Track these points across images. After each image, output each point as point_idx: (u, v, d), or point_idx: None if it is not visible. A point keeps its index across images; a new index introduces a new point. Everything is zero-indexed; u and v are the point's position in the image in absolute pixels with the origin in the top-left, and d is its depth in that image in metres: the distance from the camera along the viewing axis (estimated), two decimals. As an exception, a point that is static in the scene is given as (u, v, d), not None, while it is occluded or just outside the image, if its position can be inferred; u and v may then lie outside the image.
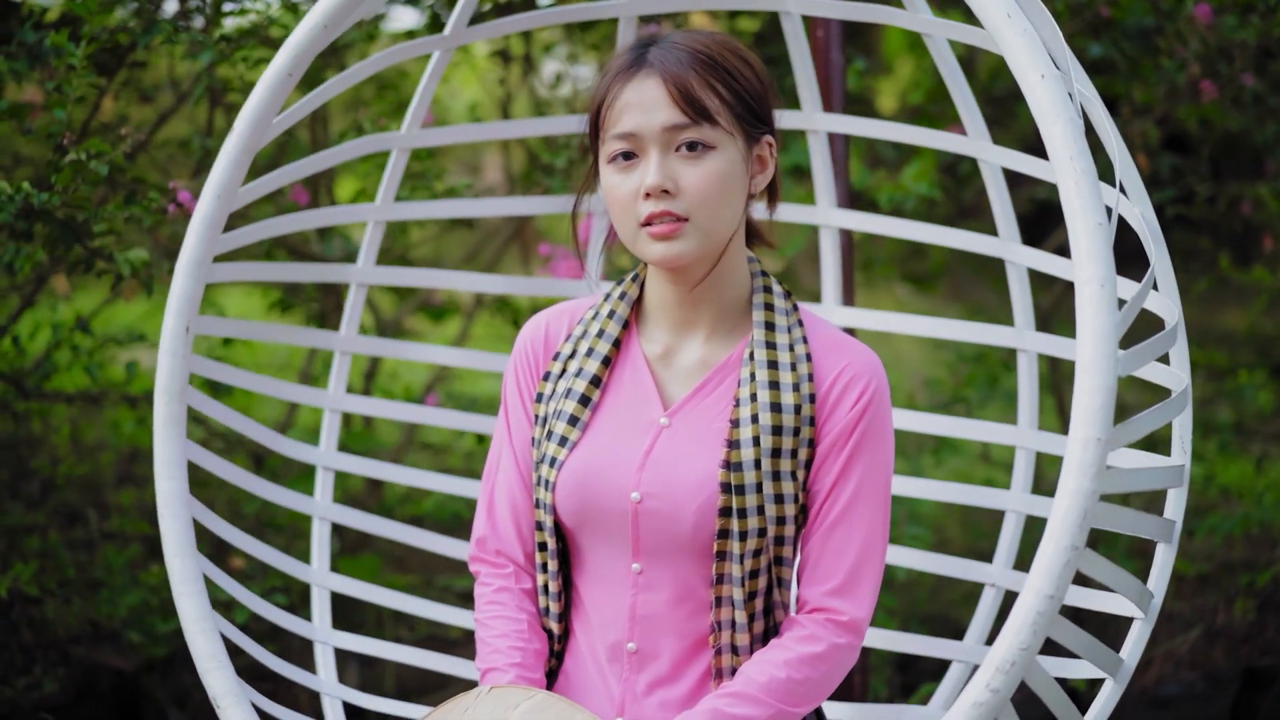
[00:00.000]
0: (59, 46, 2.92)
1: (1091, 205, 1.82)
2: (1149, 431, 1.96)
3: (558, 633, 2.21)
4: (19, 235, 3.04)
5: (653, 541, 2.11)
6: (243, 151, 2.45)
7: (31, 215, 2.88)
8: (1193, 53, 3.77)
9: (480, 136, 3.08)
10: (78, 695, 3.52)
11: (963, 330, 2.78)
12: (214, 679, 2.29)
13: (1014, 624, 1.76)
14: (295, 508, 2.79)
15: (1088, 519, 1.75)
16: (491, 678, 2.14)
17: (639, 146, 2.06)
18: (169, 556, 2.38)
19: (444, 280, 3.09)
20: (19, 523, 3.75)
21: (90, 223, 2.93)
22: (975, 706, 1.78)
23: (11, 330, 3.83)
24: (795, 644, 2.07)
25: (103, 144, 2.87)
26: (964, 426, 2.81)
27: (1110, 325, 1.77)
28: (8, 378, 3.63)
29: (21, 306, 3.86)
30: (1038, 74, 1.87)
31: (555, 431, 2.17)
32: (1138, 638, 2.17)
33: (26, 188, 2.83)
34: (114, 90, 3.90)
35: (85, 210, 2.91)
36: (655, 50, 2.08)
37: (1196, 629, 3.88)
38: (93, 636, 3.65)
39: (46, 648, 3.54)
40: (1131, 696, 3.69)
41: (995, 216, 2.74)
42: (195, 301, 2.46)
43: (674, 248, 2.06)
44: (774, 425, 2.07)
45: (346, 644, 2.74)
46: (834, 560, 2.09)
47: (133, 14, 3.43)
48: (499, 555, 2.25)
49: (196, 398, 2.56)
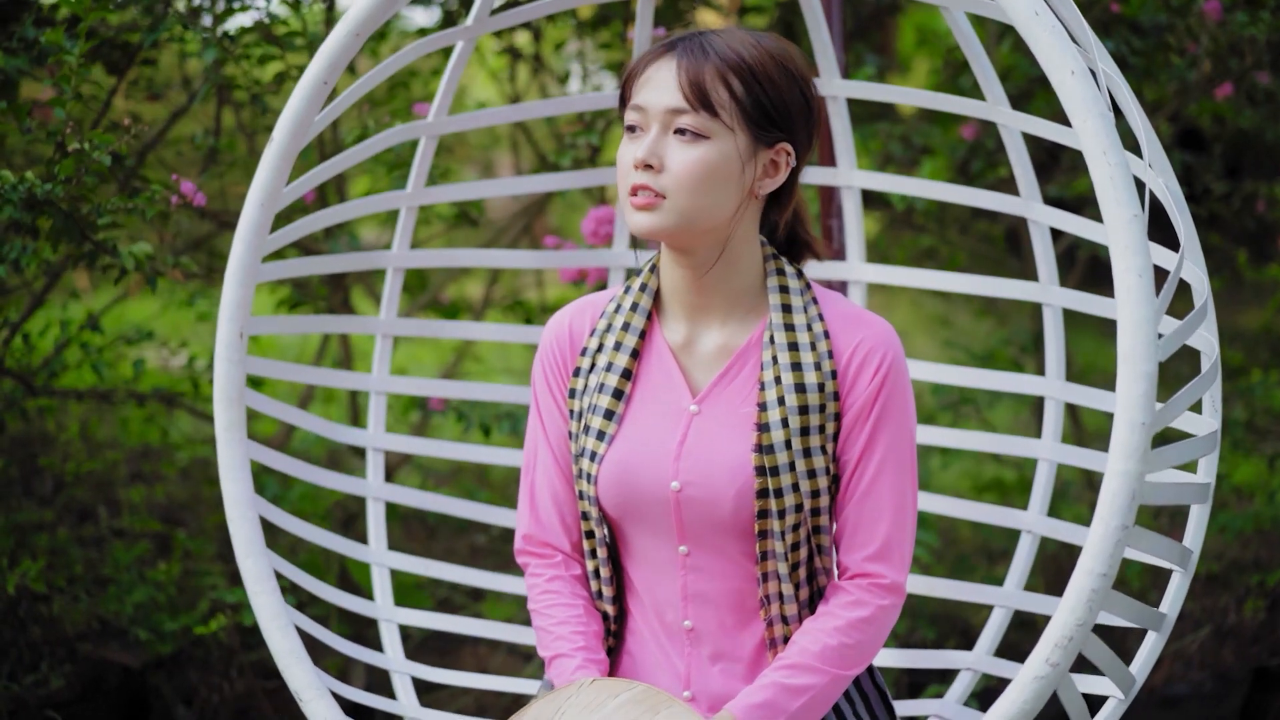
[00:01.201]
0: (55, 44, 2.93)
1: (1127, 198, 1.89)
2: (1187, 408, 2.06)
3: (613, 614, 2.30)
4: (25, 230, 3.05)
5: (696, 526, 2.20)
6: (282, 158, 2.52)
7: (36, 207, 2.89)
8: (1204, 49, 3.76)
9: (507, 119, 3.14)
10: (85, 692, 3.53)
11: (984, 285, 2.84)
12: (294, 673, 2.35)
13: (1069, 601, 1.88)
14: (349, 490, 2.87)
15: (1135, 499, 1.87)
16: (558, 664, 2.24)
17: (644, 121, 2.15)
18: (241, 558, 2.44)
19: (479, 259, 3.21)
20: (28, 519, 3.77)
21: (94, 215, 2.94)
22: (1036, 680, 1.90)
23: (23, 328, 3.85)
24: (843, 610, 2.18)
25: (106, 135, 2.88)
26: (985, 440, 2.85)
27: (1149, 314, 1.87)
28: (17, 375, 3.65)
29: (33, 305, 3.88)
30: (1068, 70, 1.92)
31: (592, 426, 2.26)
32: (1149, 654, 2.27)
33: (30, 177, 2.84)
34: (124, 88, 3.91)
35: (89, 201, 2.92)
36: (695, 40, 2.16)
37: (1206, 628, 3.86)
38: (100, 633, 3.66)
39: (54, 645, 3.55)
40: (1141, 696, 3.68)
41: (1017, 179, 2.78)
42: (247, 308, 2.53)
43: (646, 219, 2.15)
44: (800, 405, 2.16)
45: (412, 620, 2.81)
46: (870, 527, 2.19)
47: (142, 12, 3.44)
48: (545, 546, 2.35)
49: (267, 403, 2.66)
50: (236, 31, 3.38)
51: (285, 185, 2.57)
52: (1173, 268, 2.05)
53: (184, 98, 4.02)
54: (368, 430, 2.96)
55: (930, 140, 4.37)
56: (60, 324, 3.88)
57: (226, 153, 3.88)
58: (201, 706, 3.64)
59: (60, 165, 2.87)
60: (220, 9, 3.41)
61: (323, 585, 2.68)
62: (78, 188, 2.90)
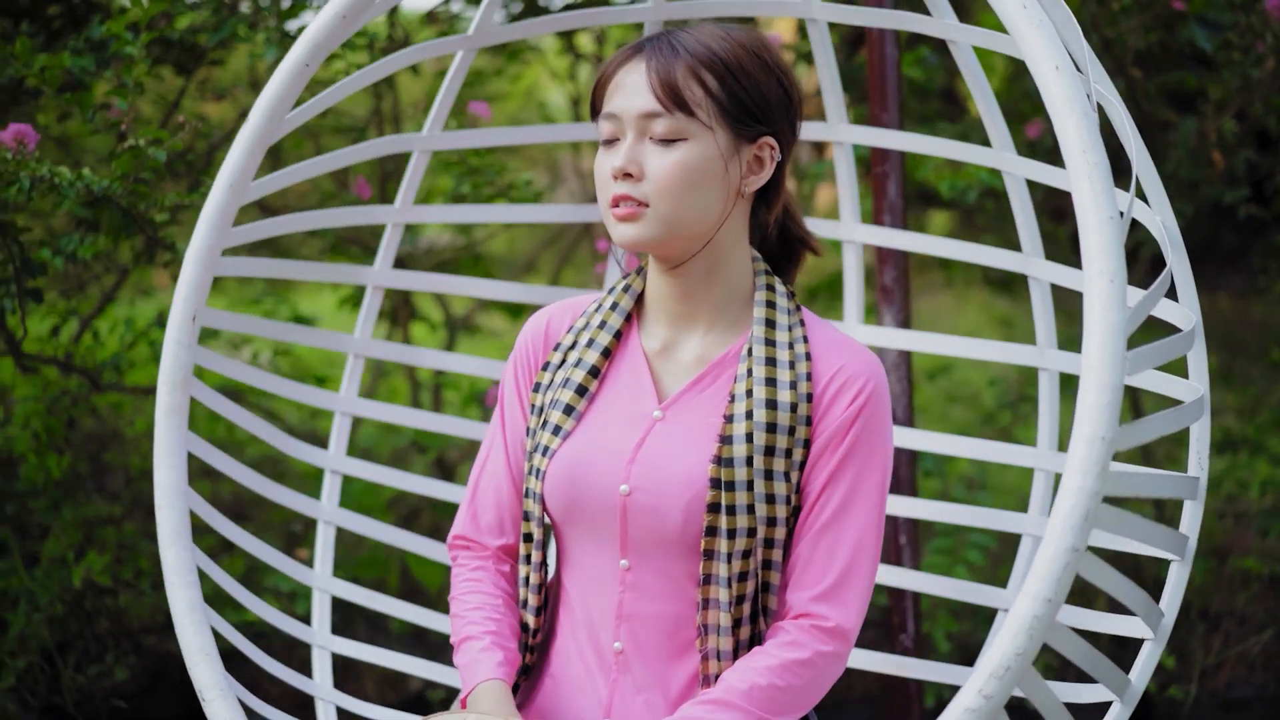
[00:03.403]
0: (116, 34, 2.97)
1: (1104, 199, 1.77)
2: (1157, 436, 1.92)
3: (534, 627, 2.17)
4: (86, 225, 3.10)
5: (641, 537, 2.08)
6: (256, 141, 2.42)
7: (94, 203, 2.93)
8: (1268, 46, 3.72)
9: (504, 141, 3.03)
10: (149, 684, 3.58)
11: (983, 350, 2.72)
12: (201, 671, 2.24)
13: (1010, 628, 1.69)
14: (301, 510, 2.77)
15: (1090, 520, 1.69)
16: (465, 647, 2.13)
17: (619, 129, 2.07)
18: (164, 547, 2.34)
19: (457, 286, 3.08)
20: (96, 514, 3.82)
21: (151, 211, 2.98)
22: (967, 713, 1.71)
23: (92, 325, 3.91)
24: (778, 650, 2.02)
25: (161, 131, 2.92)
26: (982, 448, 2.72)
27: (1119, 321, 1.72)
28: (85, 372, 3.71)
29: (102, 302, 3.94)
30: (1052, 65, 1.84)
31: (550, 420, 2.15)
32: (1148, 659, 2.11)
33: (87, 174, 2.88)
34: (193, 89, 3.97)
35: (146, 197, 2.96)
36: (663, 39, 2.07)
37: (1269, 631, 3.82)
38: (165, 626, 3.70)
39: (120, 637, 3.60)
40: (1203, 699, 3.65)
41: (1019, 230, 2.67)
42: (203, 291, 2.43)
43: (630, 230, 2.06)
44: (768, 423, 2.04)
45: (346, 650, 2.71)
46: (822, 565, 2.04)
47: (210, 12, 3.50)
48: (477, 543, 2.25)
49: (210, 396, 2.54)
50: (297, 31, 3.42)
51: (255, 175, 2.46)
52: (1154, 287, 1.97)
53: (252, 98, 4.07)
54: (328, 451, 2.85)
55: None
56: (126, 322, 3.93)
57: (291, 151, 3.93)
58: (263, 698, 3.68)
59: (117, 161, 2.92)
60: (284, 7, 3.45)
61: (260, 603, 2.57)
62: (135, 184, 2.94)
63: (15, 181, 2.82)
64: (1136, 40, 3.72)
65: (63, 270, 3.11)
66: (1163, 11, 3.66)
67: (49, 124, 3.70)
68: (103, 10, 3.55)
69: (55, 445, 3.65)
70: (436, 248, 4.55)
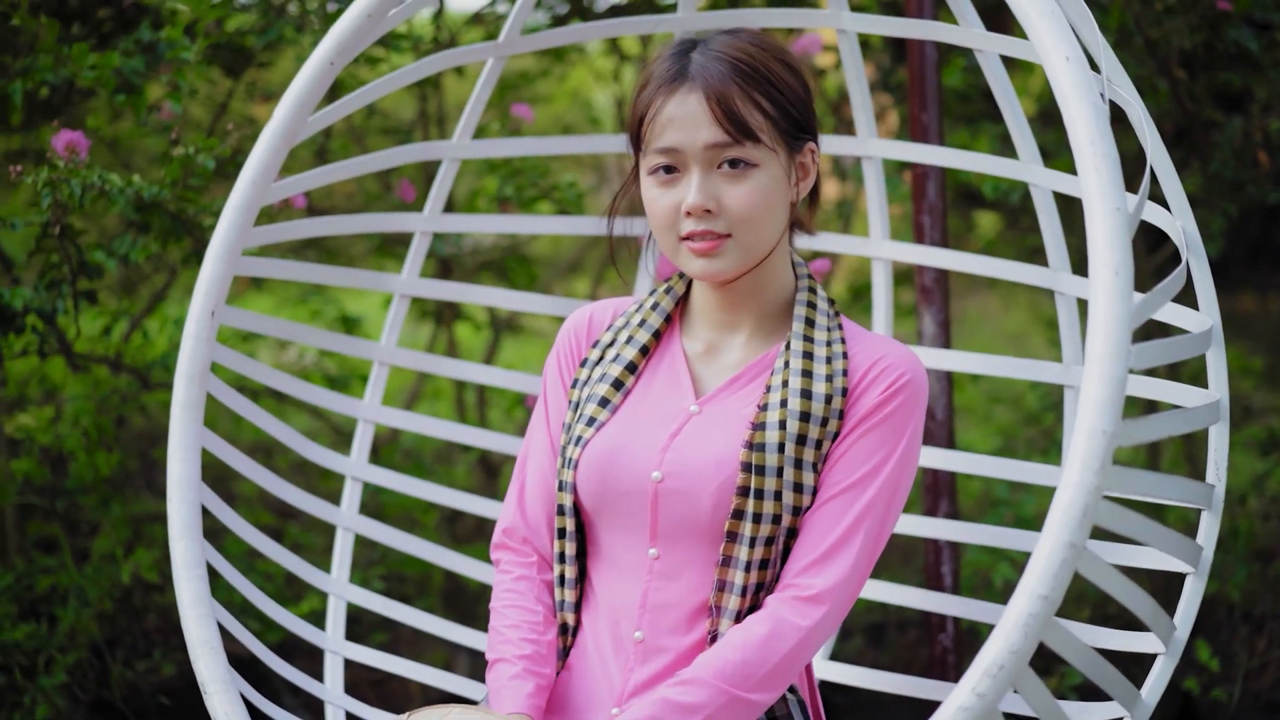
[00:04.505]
0: (173, 40, 3.00)
1: (1111, 190, 1.75)
2: (1164, 435, 1.89)
3: (573, 625, 2.19)
4: (137, 227, 3.14)
5: (671, 525, 2.09)
6: (281, 138, 2.43)
7: (144, 208, 2.97)
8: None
9: (532, 151, 3.03)
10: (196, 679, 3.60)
11: (1008, 367, 2.70)
12: (204, 664, 2.23)
13: (1005, 626, 1.66)
14: (321, 516, 2.78)
15: (1089, 515, 1.64)
16: (498, 669, 2.13)
17: (680, 162, 2.06)
18: (174, 540, 2.34)
19: (486, 296, 3.07)
20: (144, 511, 3.86)
21: (200, 215, 3.02)
22: (960, 711, 1.66)
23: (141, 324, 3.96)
24: (753, 624, 2.02)
25: (210, 139, 2.95)
26: (1004, 467, 2.69)
27: (1124, 314, 1.69)
28: (134, 371, 3.75)
29: (152, 301, 3.99)
30: (1062, 56, 1.82)
31: (584, 413, 2.17)
32: (1160, 674, 2.09)
33: (137, 181, 2.92)
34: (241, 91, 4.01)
35: (195, 203, 3.00)
36: (698, 59, 2.06)
37: (1313, 632, 3.80)
38: (212, 622, 3.73)
39: (167, 633, 3.64)
40: (1247, 701, 3.63)
41: (1046, 245, 2.66)
42: (224, 286, 2.43)
43: (714, 264, 2.07)
44: (802, 411, 2.05)
45: (360, 656, 2.71)
46: (819, 536, 2.04)
47: (259, 14, 3.53)
48: (525, 544, 2.24)
49: (224, 392, 2.55)
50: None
51: (278, 173, 2.48)
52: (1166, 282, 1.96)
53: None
54: (350, 458, 2.85)
55: (1045, 142, 4.33)
56: (175, 321, 3.97)
57: (337, 154, 3.96)
58: (308, 696, 3.71)
59: (167, 168, 2.96)
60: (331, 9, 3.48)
61: (253, 589, 2.57)
62: (184, 190, 2.97)
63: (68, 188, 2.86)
64: (1181, 40, 3.70)
65: (115, 272, 3.15)
66: (1208, 11, 3.64)
67: (100, 126, 3.74)
68: (153, 12, 3.59)
69: (105, 443, 3.69)
70: (481, 248, 4.57)
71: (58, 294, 3.09)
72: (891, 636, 4.09)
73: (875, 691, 2.82)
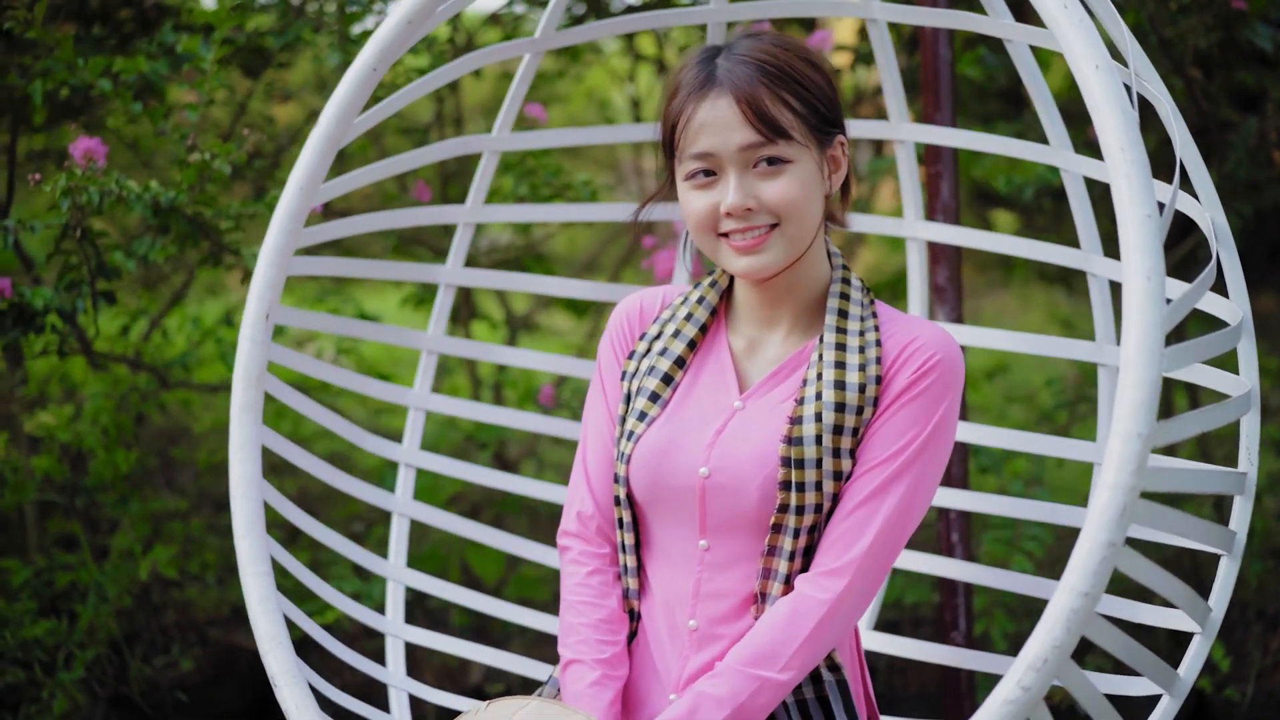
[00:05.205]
0: (191, 51, 3.04)
1: (1141, 197, 1.80)
2: (1197, 432, 1.93)
3: (637, 610, 2.25)
4: (157, 230, 3.17)
5: (719, 518, 2.15)
6: (326, 143, 2.49)
7: (162, 212, 3.00)
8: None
9: (570, 141, 3.08)
10: (214, 675, 3.64)
11: (1042, 345, 2.72)
12: (273, 658, 2.29)
13: (1047, 621, 1.72)
14: (374, 502, 2.83)
15: (1126, 515, 1.72)
16: (574, 671, 2.18)
17: (717, 165, 2.11)
18: (238, 537, 2.40)
19: (530, 284, 3.12)
20: (163, 508, 3.89)
21: (217, 219, 3.05)
22: (1006, 704, 1.73)
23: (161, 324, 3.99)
24: (779, 605, 2.09)
25: (226, 145, 2.98)
26: (1042, 443, 2.72)
27: (1156, 319, 1.75)
28: (153, 369, 3.77)
29: (171, 301, 4.02)
30: (1092, 65, 1.87)
31: (636, 407, 2.23)
32: (1196, 653, 2.14)
33: (154, 187, 2.95)
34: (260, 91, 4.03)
35: (211, 207, 3.02)
36: (724, 64, 2.11)
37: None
38: (229, 619, 3.76)
39: (185, 629, 3.67)
40: (1260, 699, 3.63)
41: (1077, 227, 2.70)
42: (277, 290, 2.49)
43: (758, 260, 2.12)
44: (837, 402, 2.10)
45: (420, 639, 2.77)
46: (842, 514, 2.10)
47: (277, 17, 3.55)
48: (598, 533, 2.29)
49: (284, 391, 2.60)
50: (359, 35, 3.47)
51: (325, 177, 2.53)
52: (1196, 284, 1.98)
53: (318, 100, 4.13)
54: (402, 445, 2.91)
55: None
56: (193, 320, 4.00)
57: (356, 155, 3.98)
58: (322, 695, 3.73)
59: (183, 174, 2.99)
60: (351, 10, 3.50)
61: (325, 587, 2.63)
62: (200, 194, 3.00)
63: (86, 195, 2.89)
64: (1196, 40, 3.71)
65: (134, 272, 3.18)
66: (1222, 11, 3.64)
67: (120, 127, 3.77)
68: (173, 14, 3.62)
69: (124, 441, 3.72)
70: (498, 246, 4.59)
71: (77, 294, 3.12)
72: (905, 633, 4.11)
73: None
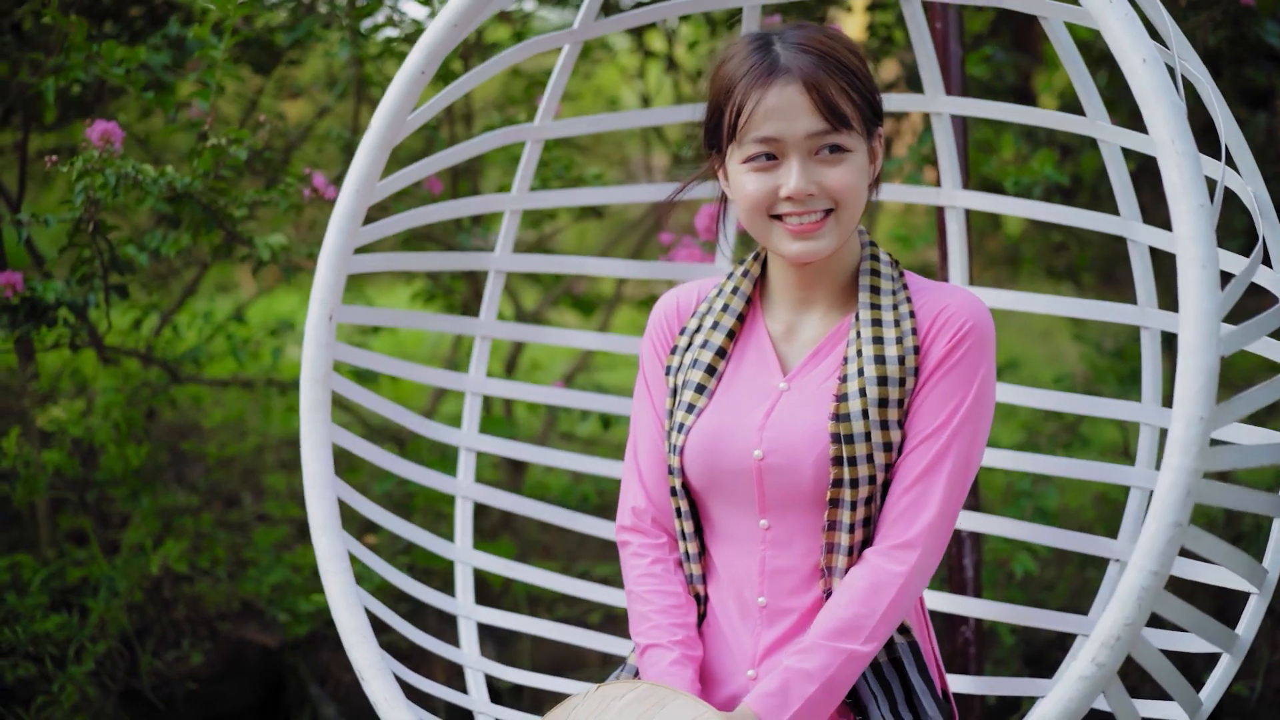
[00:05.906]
0: (201, 39, 3.05)
1: (1193, 187, 1.86)
2: (1254, 409, 1.99)
3: (703, 595, 2.31)
4: (168, 222, 3.18)
5: (777, 497, 2.22)
6: (380, 147, 2.57)
7: (176, 199, 3.02)
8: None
9: (611, 126, 3.14)
10: (224, 669, 3.65)
11: (1084, 309, 2.79)
12: (359, 652, 2.37)
13: (1119, 600, 1.82)
14: (438, 487, 2.90)
15: (1191, 495, 1.81)
16: (652, 655, 2.25)
17: (779, 150, 2.17)
18: (316, 535, 2.49)
19: (578, 266, 3.18)
20: (173, 503, 3.90)
21: (231, 207, 3.06)
22: (1081, 680, 1.84)
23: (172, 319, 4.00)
24: (855, 579, 2.16)
25: (242, 130, 2.99)
26: (1088, 404, 2.79)
27: (1212, 305, 1.83)
28: (164, 364, 3.78)
29: (183, 296, 4.03)
30: (1139, 58, 1.93)
31: (683, 400, 2.29)
32: (1254, 612, 2.22)
33: (170, 172, 2.96)
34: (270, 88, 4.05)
35: (226, 194, 3.04)
36: (784, 53, 2.16)
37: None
38: (240, 614, 3.77)
39: (196, 623, 3.68)
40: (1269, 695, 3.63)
41: (1116, 196, 2.75)
42: (338, 291, 2.57)
43: (813, 244, 2.18)
44: (879, 376, 2.17)
45: (490, 619, 2.83)
46: (903, 487, 2.18)
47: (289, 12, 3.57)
48: (655, 525, 2.36)
49: (341, 384, 2.67)
50: (368, 31, 3.49)
51: (380, 178, 2.60)
52: (1246, 268, 2.02)
53: (328, 97, 4.14)
54: (461, 430, 2.97)
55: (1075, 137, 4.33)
56: (204, 316, 4.01)
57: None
58: (334, 685, 3.74)
59: (199, 159, 3.00)
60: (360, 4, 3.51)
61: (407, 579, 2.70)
62: (216, 181, 3.01)
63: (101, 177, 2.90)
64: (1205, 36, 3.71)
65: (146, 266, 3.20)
66: (1231, 8, 3.64)
67: (131, 122, 3.78)
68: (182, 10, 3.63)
69: (135, 436, 3.74)
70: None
71: (89, 288, 3.13)
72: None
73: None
